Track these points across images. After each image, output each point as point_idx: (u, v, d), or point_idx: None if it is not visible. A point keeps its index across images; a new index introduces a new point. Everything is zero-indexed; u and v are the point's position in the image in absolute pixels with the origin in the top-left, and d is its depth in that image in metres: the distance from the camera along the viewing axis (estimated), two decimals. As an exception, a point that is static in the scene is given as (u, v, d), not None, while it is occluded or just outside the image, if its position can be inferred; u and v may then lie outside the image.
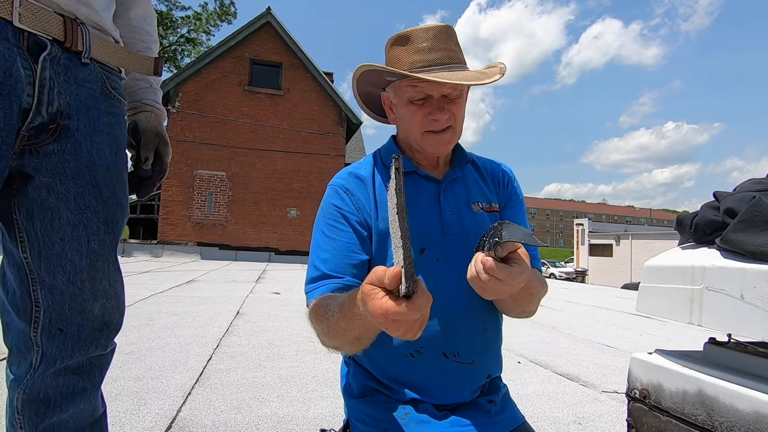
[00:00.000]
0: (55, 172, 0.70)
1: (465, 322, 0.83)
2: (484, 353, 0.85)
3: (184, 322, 3.88)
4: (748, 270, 0.85)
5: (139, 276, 7.64)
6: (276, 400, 2.16)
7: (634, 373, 1.06)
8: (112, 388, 2.14)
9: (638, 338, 4.45)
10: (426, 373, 0.82)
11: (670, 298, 1.01)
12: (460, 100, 0.81)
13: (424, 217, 0.84)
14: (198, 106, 14.26)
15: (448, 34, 0.81)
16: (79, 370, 0.76)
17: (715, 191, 1.05)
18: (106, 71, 0.80)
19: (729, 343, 1.00)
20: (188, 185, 14.10)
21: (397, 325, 0.50)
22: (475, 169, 0.94)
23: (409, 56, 0.78)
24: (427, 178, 0.88)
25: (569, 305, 7.01)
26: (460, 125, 0.83)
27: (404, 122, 0.84)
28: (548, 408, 2.26)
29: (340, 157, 15.15)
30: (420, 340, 0.81)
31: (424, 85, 0.77)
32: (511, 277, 0.60)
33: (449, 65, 0.78)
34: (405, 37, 0.80)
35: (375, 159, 0.91)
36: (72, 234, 0.72)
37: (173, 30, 22.41)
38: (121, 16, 0.93)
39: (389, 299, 0.49)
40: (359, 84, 0.87)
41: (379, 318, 0.50)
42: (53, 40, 0.69)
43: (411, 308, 0.48)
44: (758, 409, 0.78)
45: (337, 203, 0.84)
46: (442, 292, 0.81)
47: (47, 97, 0.68)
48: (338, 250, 0.80)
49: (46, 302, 0.71)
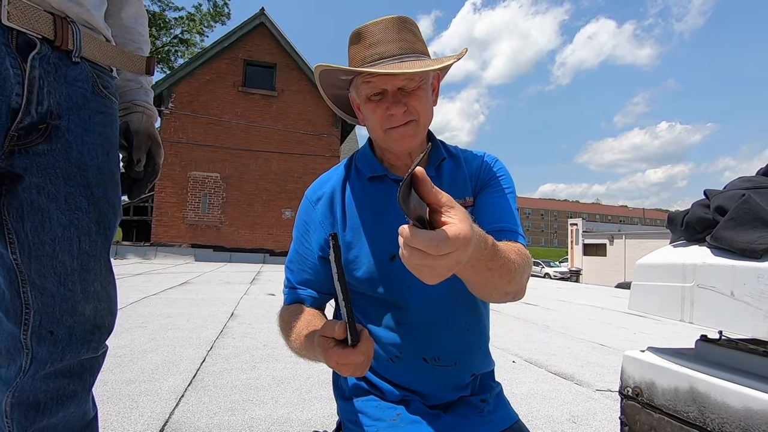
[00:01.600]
0: (45, 172, 0.69)
1: (445, 325, 0.81)
2: (468, 353, 0.84)
3: (178, 324, 3.85)
4: (738, 267, 0.86)
5: (132, 278, 7.57)
6: (270, 401, 2.15)
7: (627, 371, 1.06)
8: (104, 392, 2.12)
9: (632, 336, 4.48)
10: (409, 375, 0.82)
11: (662, 295, 1.02)
12: (420, 91, 0.77)
13: (394, 222, 0.79)
14: (192, 107, 14.18)
15: (401, 25, 0.77)
16: (69, 373, 0.75)
17: (705, 189, 1.05)
18: (98, 70, 0.79)
19: (720, 340, 1.01)
20: (182, 187, 14.01)
21: (347, 367, 0.62)
22: (455, 164, 0.90)
23: (362, 52, 0.76)
24: (396, 182, 0.84)
25: (563, 304, 7.04)
26: (424, 117, 0.79)
27: (368, 121, 0.81)
28: (542, 407, 2.27)
29: (335, 157, 15.13)
30: (398, 346, 0.81)
31: (377, 79, 0.74)
32: (435, 244, 0.42)
33: (401, 56, 0.75)
34: (358, 34, 0.78)
35: (348, 166, 0.89)
36: (63, 235, 0.71)
37: (166, 31, 22.30)
38: (113, 16, 0.92)
39: (338, 349, 0.61)
40: (325, 87, 0.84)
41: (332, 363, 0.63)
42: (43, 39, 0.68)
43: (356, 354, 0.60)
44: (749, 405, 0.79)
45: (305, 218, 0.87)
46: (417, 296, 0.80)
47: (37, 97, 0.67)
48: (301, 264, 0.87)
49: (36, 304, 0.70)
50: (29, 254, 0.69)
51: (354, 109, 0.87)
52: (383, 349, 0.82)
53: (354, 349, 0.60)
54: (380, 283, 0.80)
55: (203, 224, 14.14)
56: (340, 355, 0.61)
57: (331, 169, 0.92)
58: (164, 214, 13.87)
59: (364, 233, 0.82)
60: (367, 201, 0.84)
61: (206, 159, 14.22)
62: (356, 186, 0.86)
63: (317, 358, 0.71)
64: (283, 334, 0.85)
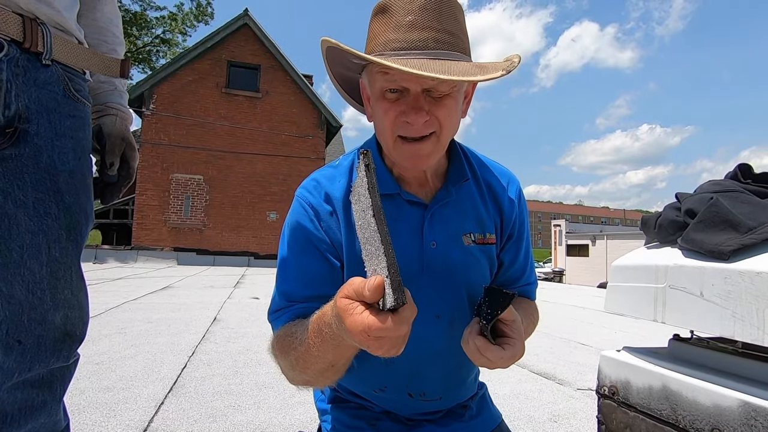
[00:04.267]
0: (12, 177, 0.68)
1: (436, 366, 0.76)
2: (455, 389, 0.80)
3: (158, 330, 3.78)
4: (707, 268, 0.88)
5: (112, 283, 7.40)
6: (252, 407, 2.12)
7: (604, 371, 1.08)
8: (80, 400, 2.07)
9: (613, 336, 4.57)
10: (392, 404, 0.80)
11: (636, 296, 1.05)
12: (449, 99, 0.62)
13: (401, 251, 0.65)
14: (174, 108, 13.94)
15: (442, 9, 0.60)
16: (38, 383, 0.73)
17: (677, 192, 1.09)
18: (70, 73, 0.77)
19: (692, 339, 1.03)
20: (164, 189, 13.75)
21: (381, 342, 0.44)
22: (476, 185, 0.76)
23: (386, 33, 0.61)
24: (410, 202, 0.71)
25: (547, 305, 7.14)
26: (447, 132, 0.64)
27: (377, 121, 0.67)
28: (525, 407, 2.29)
29: (320, 159, 15.06)
30: (384, 380, 0.76)
31: (399, 74, 0.58)
32: (502, 361, 0.58)
33: (436, 51, 0.59)
34: (384, 6, 0.62)
35: (351, 172, 0.74)
36: (31, 242, 0.69)
37: (148, 30, 21.90)
38: (86, 17, 0.91)
39: (370, 314, 0.44)
40: (332, 65, 0.70)
41: (359, 335, 0.44)
42: (11, 41, 0.67)
43: (397, 322, 0.43)
44: (718, 402, 0.81)
45: (305, 224, 0.70)
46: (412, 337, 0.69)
47: (4, 100, 0.66)
48: (306, 280, 0.69)
49: (3, 313, 0.68)
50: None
51: (363, 99, 0.72)
52: (367, 381, 0.78)
53: (395, 314, 0.43)
54: None
55: (186, 227, 13.90)
56: (374, 321, 0.43)
57: (328, 167, 0.76)
58: (145, 217, 13.59)
59: None
60: None
61: (189, 161, 13.99)
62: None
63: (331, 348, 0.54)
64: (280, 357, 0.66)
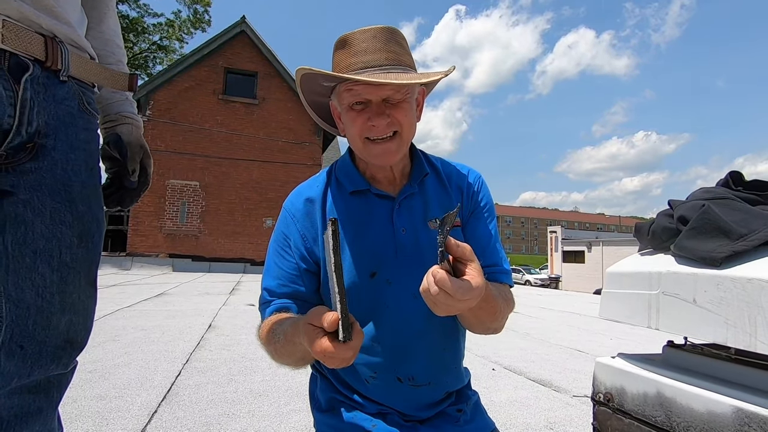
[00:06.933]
0: (32, 189, 0.70)
1: (420, 346, 0.81)
2: (442, 374, 0.84)
3: (153, 337, 3.74)
4: (700, 275, 0.89)
5: (106, 290, 7.34)
6: (247, 415, 2.10)
7: (599, 378, 1.08)
8: (72, 409, 2.04)
9: (608, 342, 4.57)
10: (384, 394, 0.82)
11: (630, 303, 1.05)
12: (405, 104, 0.76)
13: (376, 239, 0.80)
14: (170, 114, 13.93)
15: (389, 36, 0.76)
16: (35, 390, 0.73)
17: (669, 200, 1.10)
18: (83, 87, 0.80)
19: (686, 346, 1.04)
20: (159, 195, 13.70)
21: (333, 360, 0.58)
22: (438, 179, 0.88)
23: (347, 59, 0.75)
24: (380, 196, 0.83)
25: (543, 311, 7.14)
26: (407, 131, 0.77)
27: (348, 130, 0.79)
28: (521, 414, 2.28)
29: (316, 166, 15.06)
30: (373, 366, 0.81)
31: (361, 88, 0.73)
32: (461, 292, 0.55)
33: (387, 67, 0.73)
34: (344, 41, 0.76)
35: (329, 177, 0.87)
36: (44, 247, 0.71)
37: (145, 37, 21.97)
38: (93, 29, 0.95)
39: (327, 341, 0.57)
40: (306, 93, 0.82)
41: (317, 354, 0.58)
42: (35, 60, 0.69)
43: (344, 349, 0.56)
44: (711, 408, 0.82)
45: (285, 230, 0.84)
46: (394, 316, 0.79)
47: (27, 118, 0.69)
48: (282, 279, 0.82)
49: (9, 317, 0.68)
50: (7, 267, 0.68)
51: (335, 118, 0.84)
52: (358, 370, 0.81)
53: (344, 344, 0.57)
54: (358, 300, 0.79)
55: (181, 234, 13.83)
56: (328, 346, 0.57)
57: (310, 179, 0.89)
58: (141, 223, 13.52)
59: (344, 249, 0.81)
60: (348, 216, 0.82)
61: (185, 167, 13.95)
62: (338, 199, 0.84)
63: (300, 350, 0.67)
64: (265, 345, 0.79)
